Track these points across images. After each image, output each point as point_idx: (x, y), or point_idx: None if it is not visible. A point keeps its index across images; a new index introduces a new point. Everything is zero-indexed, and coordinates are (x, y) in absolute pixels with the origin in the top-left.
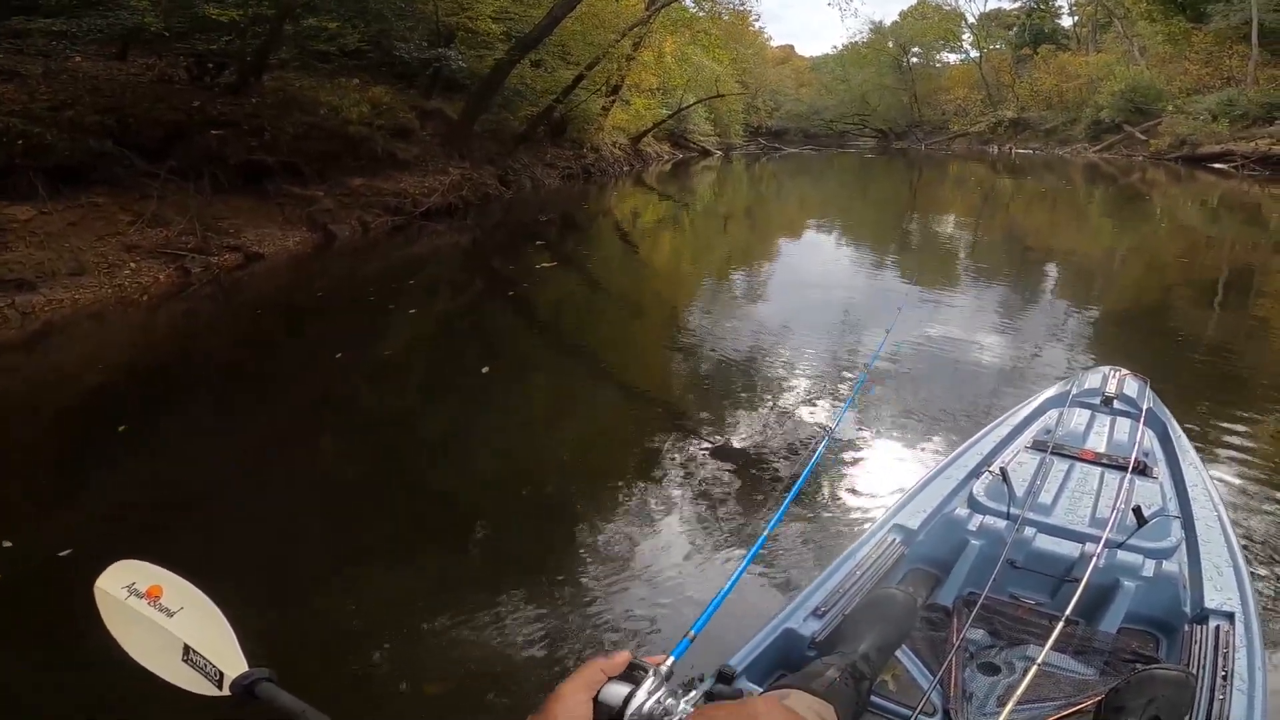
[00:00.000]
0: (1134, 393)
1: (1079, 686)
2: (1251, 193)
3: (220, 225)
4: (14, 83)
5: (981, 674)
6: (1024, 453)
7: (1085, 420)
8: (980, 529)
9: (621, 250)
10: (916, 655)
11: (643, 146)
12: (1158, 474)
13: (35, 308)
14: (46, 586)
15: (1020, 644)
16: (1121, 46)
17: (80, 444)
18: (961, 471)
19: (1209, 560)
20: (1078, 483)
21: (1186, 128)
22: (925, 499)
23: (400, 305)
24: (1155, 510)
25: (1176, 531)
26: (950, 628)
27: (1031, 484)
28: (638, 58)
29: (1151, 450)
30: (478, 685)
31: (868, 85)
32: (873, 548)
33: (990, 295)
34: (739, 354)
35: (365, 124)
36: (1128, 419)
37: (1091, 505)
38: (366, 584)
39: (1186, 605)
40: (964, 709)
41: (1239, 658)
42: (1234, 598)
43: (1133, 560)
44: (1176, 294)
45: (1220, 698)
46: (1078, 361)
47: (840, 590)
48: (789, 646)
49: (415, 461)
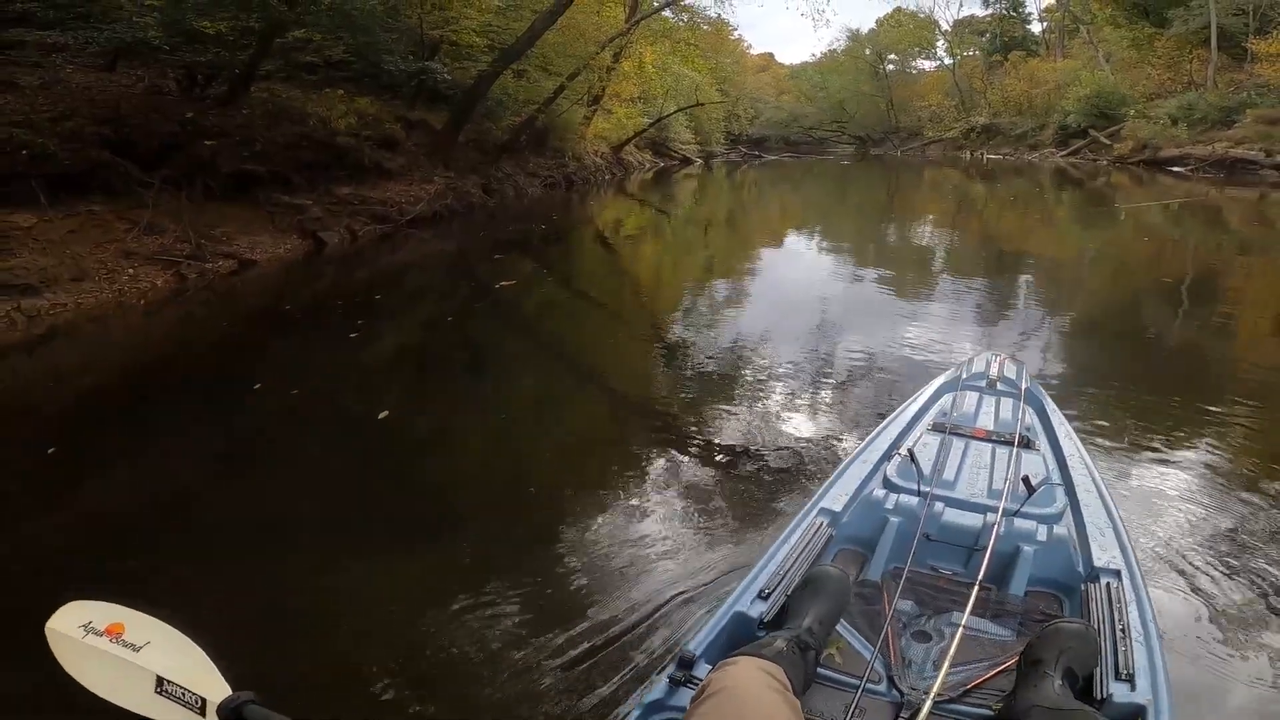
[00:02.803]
0: (1013, 374)
1: (1001, 647)
2: (1195, 192)
3: (213, 233)
4: (13, 94)
5: (916, 642)
6: (927, 434)
7: (975, 402)
8: (896, 507)
9: (603, 257)
10: (855, 629)
11: (624, 155)
12: (1040, 446)
13: (40, 311)
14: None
15: (945, 611)
16: (1088, 52)
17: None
18: (875, 454)
19: (1092, 523)
20: (974, 459)
21: (1148, 132)
22: (846, 482)
23: (385, 303)
24: (1041, 479)
25: (1061, 498)
26: (881, 601)
27: (936, 462)
28: (618, 68)
29: (1032, 425)
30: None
31: (846, 92)
32: (804, 531)
33: (957, 295)
34: (717, 359)
35: (352, 134)
36: (1010, 398)
37: (988, 479)
38: (350, 591)
39: (1080, 565)
40: (905, 675)
41: (1131, 611)
42: (1118, 556)
43: (1028, 526)
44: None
45: (1122, 649)
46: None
47: (780, 572)
48: (740, 628)
49: (393, 464)
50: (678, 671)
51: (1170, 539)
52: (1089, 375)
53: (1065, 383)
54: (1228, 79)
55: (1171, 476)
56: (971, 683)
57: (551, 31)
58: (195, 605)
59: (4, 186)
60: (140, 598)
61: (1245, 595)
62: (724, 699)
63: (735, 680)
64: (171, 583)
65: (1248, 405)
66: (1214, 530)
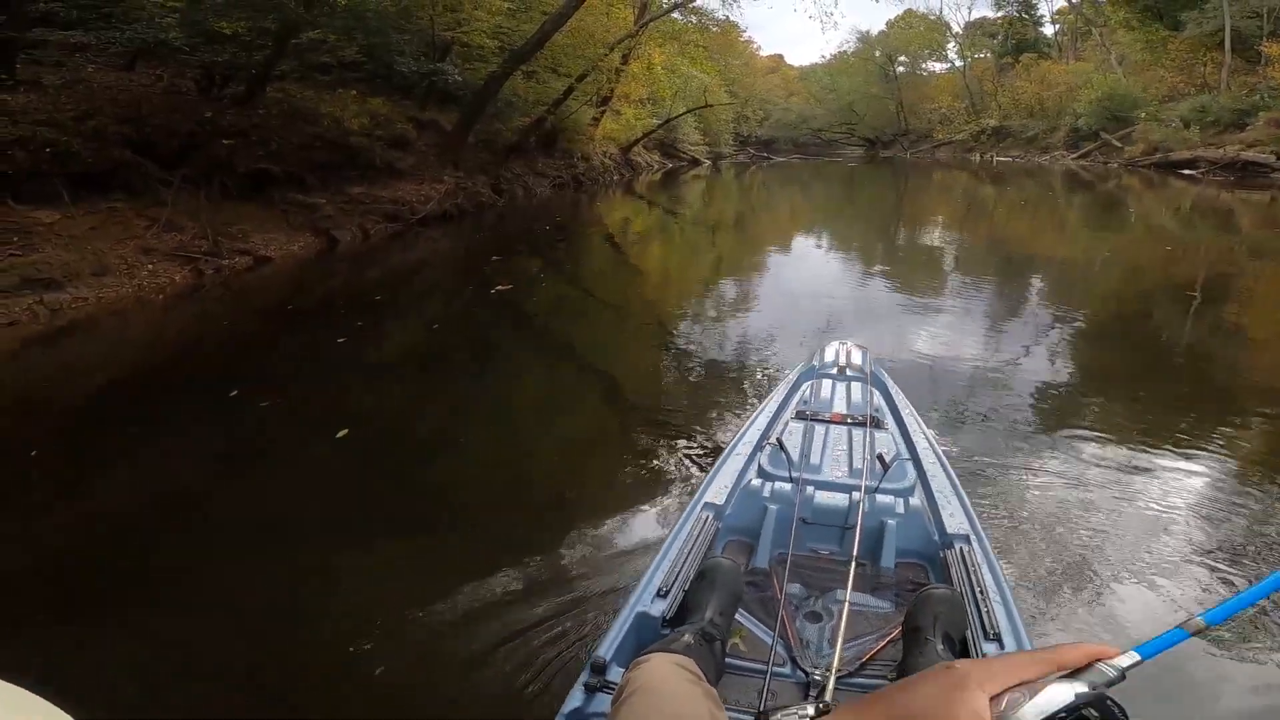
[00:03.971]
0: (860, 360)
1: (884, 619)
2: (1204, 194)
3: (230, 230)
4: (37, 93)
5: (809, 622)
6: (792, 422)
7: (829, 388)
8: (773, 495)
9: (611, 258)
10: (753, 616)
11: (633, 156)
12: (888, 425)
13: (62, 305)
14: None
15: (830, 590)
16: (1100, 55)
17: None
18: (748, 446)
19: (940, 494)
20: (834, 442)
21: (1160, 134)
22: (725, 475)
23: (393, 302)
24: (893, 456)
25: (911, 473)
26: (772, 587)
27: (803, 448)
28: (627, 69)
29: (880, 406)
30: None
31: (855, 94)
32: (692, 525)
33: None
34: (725, 358)
35: (365, 134)
36: (859, 382)
37: (848, 459)
38: (347, 585)
39: (935, 534)
40: (805, 656)
41: (985, 574)
42: (965, 523)
43: (888, 501)
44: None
45: (985, 609)
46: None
47: (674, 569)
48: (645, 627)
49: (402, 461)
50: (592, 678)
51: (1003, 505)
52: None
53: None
54: (1241, 82)
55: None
56: (866, 655)
57: (561, 33)
58: (194, 605)
59: (28, 184)
60: (140, 597)
61: (1063, 555)
62: (644, 696)
63: (652, 677)
64: (169, 582)
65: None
66: (1039, 494)
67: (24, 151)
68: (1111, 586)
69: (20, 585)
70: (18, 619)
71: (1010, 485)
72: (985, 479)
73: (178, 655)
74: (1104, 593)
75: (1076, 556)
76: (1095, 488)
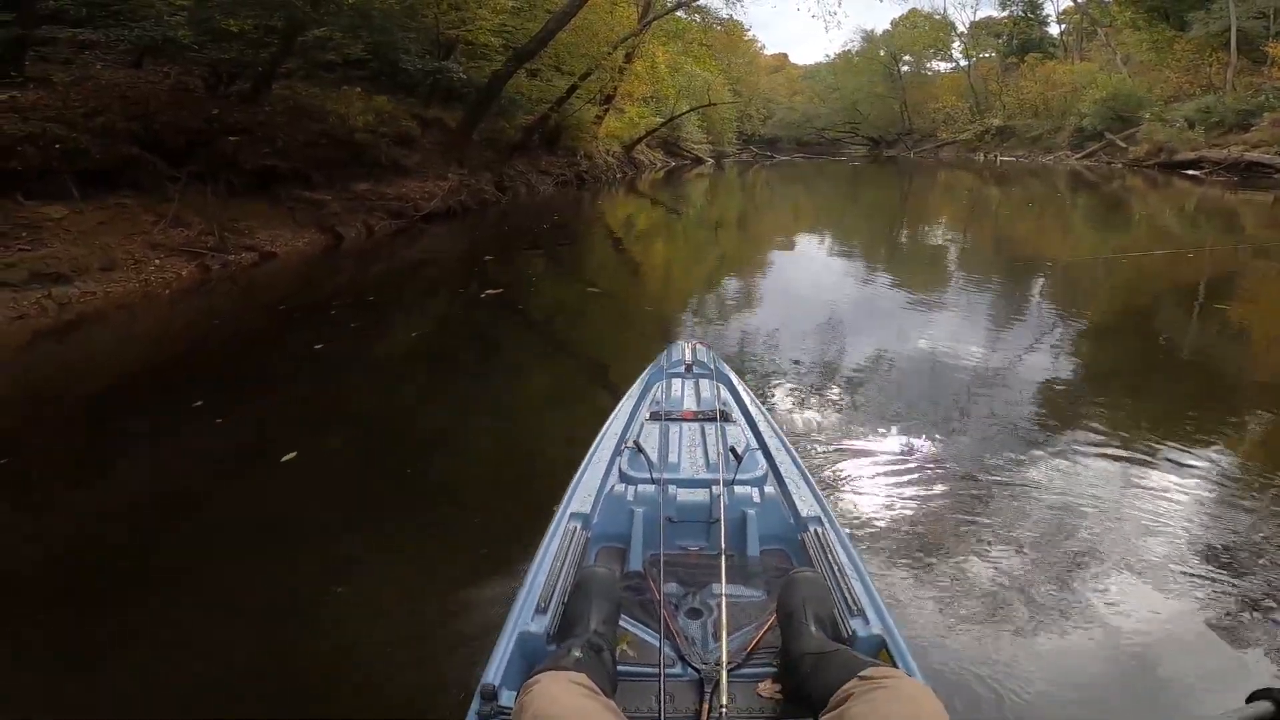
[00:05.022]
0: (705, 358)
1: (760, 607)
2: (1207, 195)
3: (236, 226)
4: (46, 90)
5: (691, 620)
6: (647, 423)
7: (679, 387)
8: (637, 498)
9: (613, 256)
10: (636, 620)
11: (636, 154)
12: (736, 418)
13: (71, 299)
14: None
15: (705, 585)
16: (1106, 55)
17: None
18: (607, 451)
19: (790, 480)
20: (689, 439)
21: (1164, 135)
22: (588, 483)
23: (395, 298)
24: (745, 448)
25: (762, 462)
26: (650, 589)
27: (660, 449)
28: (631, 68)
29: (728, 400)
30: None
31: (859, 93)
32: (562, 538)
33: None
34: (728, 358)
35: (370, 132)
36: (707, 379)
37: (704, 455)
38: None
39: (792, 519)
40: (694, 653)
41: (839, 553)
42: (816, 506)
43: (745, 492)
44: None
45: (846, 588)
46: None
47: (550, 584)
48: (529, 646)
49: (405, 456)
50: (484, 706)
51: (847, 486)
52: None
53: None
54: (1246, 82)
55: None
56: (749, 645)
57: (565, 31)
58: (194, 605)
59: (38, 180)
60: (137, 597)
61: (907, 527)
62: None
63: (547, 697)
64: (166, 581)
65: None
66: (875, 474)
67: (33, 148)
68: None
69: (21, 585)
70: (18, 619)
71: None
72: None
73: (177, 655)
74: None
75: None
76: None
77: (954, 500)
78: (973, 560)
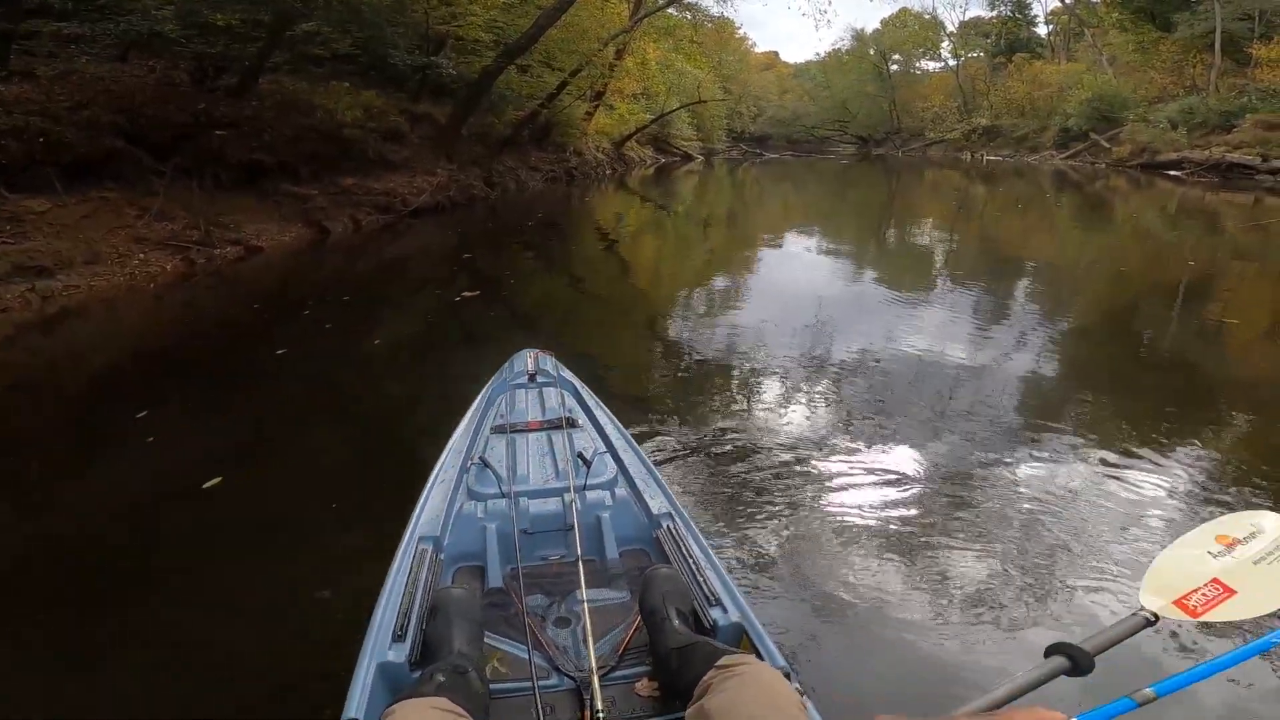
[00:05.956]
0: (549, 366)
1: (624, 609)
2: (1188, 196)
3: (222, 220)
4: (30, 83)
5: (559, 629)
6: (492, 437)
7: (523, 398)
8: (488, 513)
9: (601, 253)
10: (504, 636)
11: (626, 150)
12: (583, 424)
13: (54, 292)
14: None
15: (569, 593)
16: (1092, 55)
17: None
18: (453, 470)
19: (640, 480)
20: (536, 449)
21: (1147, 135)
22: (435, 504)
23: (383, 293)
24: (593, 452)
25: (612, 465)
26: (514, 603)
27: (508, 462)
28: (621, 64)
29: (573, 407)
30: None
31: (849, 92)
32: (414, 561)
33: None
34: (713, 355)
35: (358, 127)
36: (551, 388)
37: (553, 464)
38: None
39: (645, 518)
40: (567, 661)
41: (693, 547)
42: (666, 503)
43: (597, 496)
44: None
45: (701, 580)
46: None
47: (404, 610)
48: (391, 676)
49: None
50: None
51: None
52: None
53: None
54: (1229, 83)
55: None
56: (620, 646)
57: (555, 27)
58: (193, 604)
59: (21, 173)
60: (135, 596)
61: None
62: None
63: None
64: (164, 581)
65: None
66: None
67: (17, 141)
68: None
69: (19, 584)
70: (17, 619)
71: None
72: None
73: (179, 655)
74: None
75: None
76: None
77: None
78: (809, 541)
